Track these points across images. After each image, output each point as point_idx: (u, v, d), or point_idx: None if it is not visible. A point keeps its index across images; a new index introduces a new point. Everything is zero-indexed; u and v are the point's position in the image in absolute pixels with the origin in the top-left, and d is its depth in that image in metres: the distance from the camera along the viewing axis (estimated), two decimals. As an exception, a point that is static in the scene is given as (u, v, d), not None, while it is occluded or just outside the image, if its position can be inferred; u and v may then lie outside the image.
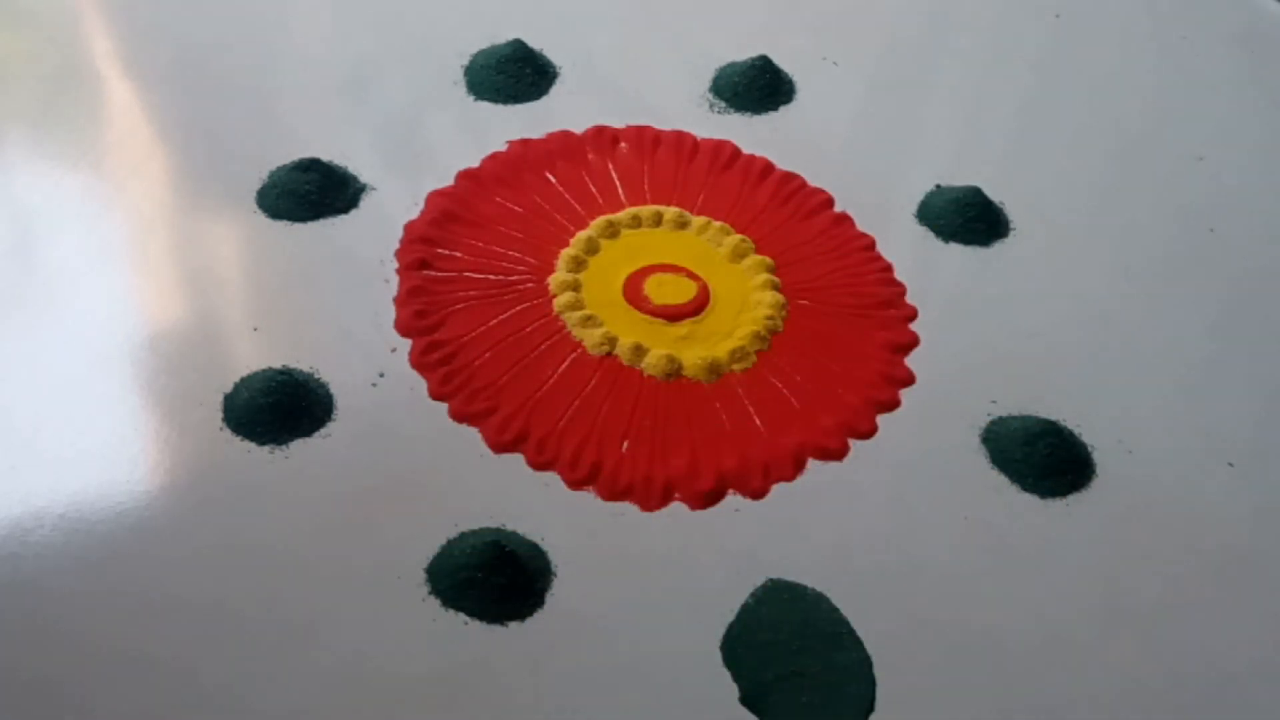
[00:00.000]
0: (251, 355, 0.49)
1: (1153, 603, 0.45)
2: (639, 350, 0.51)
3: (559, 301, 0.53)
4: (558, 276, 0.54)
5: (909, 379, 0.52)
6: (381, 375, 0.49)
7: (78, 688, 0.40)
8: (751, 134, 0.61)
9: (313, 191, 0.56)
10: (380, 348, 0.50)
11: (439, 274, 0.53)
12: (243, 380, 0.48)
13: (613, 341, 0.52)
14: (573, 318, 0.52)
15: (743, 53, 0.65)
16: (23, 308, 0.51)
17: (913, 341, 0.53)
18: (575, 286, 0.54)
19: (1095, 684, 0.43)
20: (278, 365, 0.49)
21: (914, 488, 0.48)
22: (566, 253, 0.55)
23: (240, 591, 0.43)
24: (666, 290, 0.54)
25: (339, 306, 0.52)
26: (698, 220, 0.57)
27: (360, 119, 0.60)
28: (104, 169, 0.57)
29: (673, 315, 0.53)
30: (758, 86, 0.63)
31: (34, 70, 0.61)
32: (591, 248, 0.55)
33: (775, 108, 0.63)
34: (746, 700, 0.41)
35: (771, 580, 0.44)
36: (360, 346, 0.50)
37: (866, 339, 0.53)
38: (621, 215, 0.57)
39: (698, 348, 0.52)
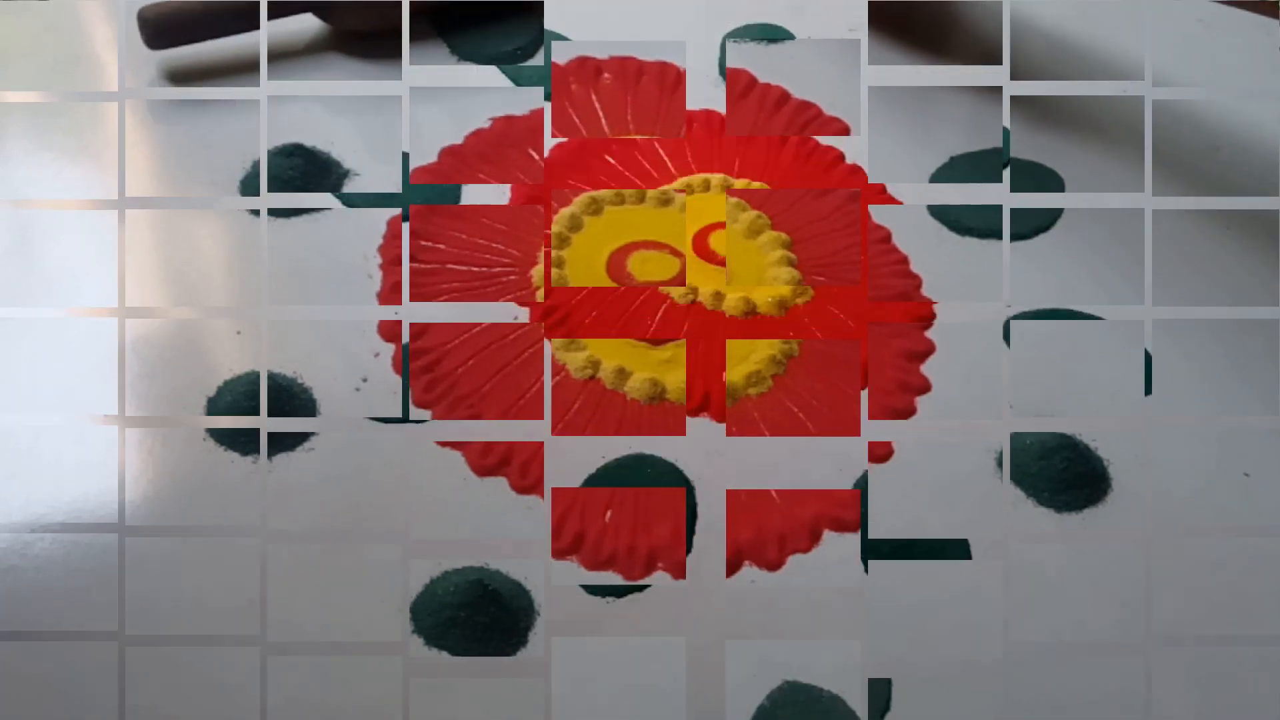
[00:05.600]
0: (235, 359, 0.50)
1: (1170, 615, 0.44)
2: (622, 374, 0.51)
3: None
4: (540, 269, 0.54)
5: (925, 387, 0.51)
6: (365, 380, 0.50)
7: (77, 685, 0.42)
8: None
9: (296, 178, 0.56)
10: (364, 351, 0.51)
11: (422, 266, 0.54)
12: (225, 384, 0.49)
13: (595, 365, 0.51)
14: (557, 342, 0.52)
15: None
16: (22, 307, 0.52)
17: (929, 349, 0.52)
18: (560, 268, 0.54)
19: (1112, 698, 0.43)
20: (260, 369, 0.49)
21: (929, 506, 0.47)
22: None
23: (233, 604, 0.44)
24: (650, 268, 0.54)
25: (322, 306, 0.52)
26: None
27: (344, 102, 0.60)
28: (103, 162, 0.57)
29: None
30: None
31: (34, 60, 0.62)
32: (575, 225, 0.55)
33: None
34: None
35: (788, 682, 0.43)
36: (343, 350, 0.51)
37: (882, 346, 0.52)
38: (604, 193, 0.57)
39: (681, 371, 0.51)
